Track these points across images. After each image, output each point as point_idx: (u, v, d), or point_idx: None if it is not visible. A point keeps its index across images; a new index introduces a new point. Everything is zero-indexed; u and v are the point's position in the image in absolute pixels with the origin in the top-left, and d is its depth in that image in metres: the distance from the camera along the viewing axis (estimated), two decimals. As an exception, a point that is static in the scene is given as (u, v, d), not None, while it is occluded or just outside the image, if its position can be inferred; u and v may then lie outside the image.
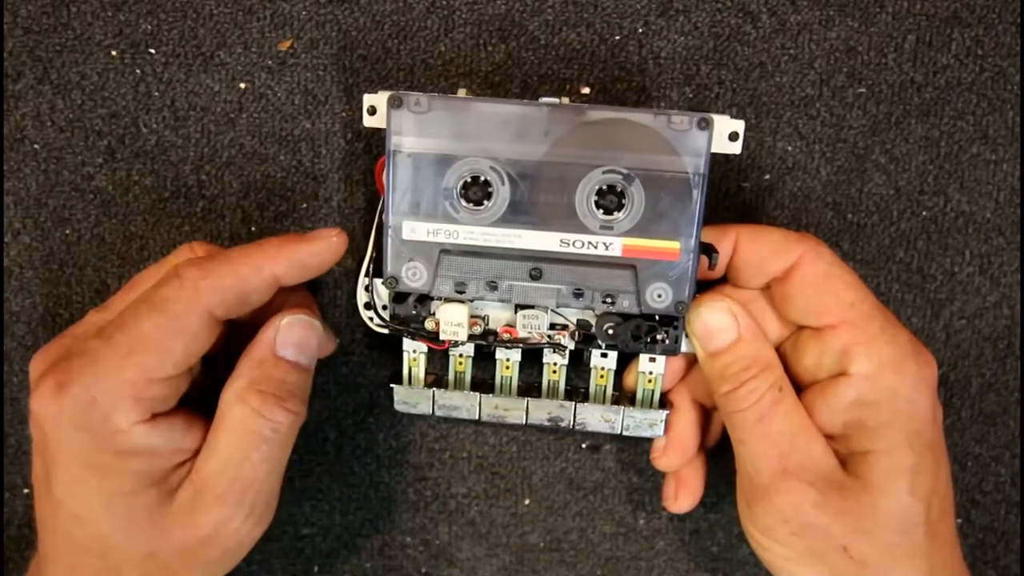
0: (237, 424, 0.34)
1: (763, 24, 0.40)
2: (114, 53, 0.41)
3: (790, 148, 0.41)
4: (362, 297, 0.38)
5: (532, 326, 0.37)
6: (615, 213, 0.35)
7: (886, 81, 0.40)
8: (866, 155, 0.41)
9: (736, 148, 0.35)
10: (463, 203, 0.35)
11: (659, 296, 0.35)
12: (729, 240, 0.36)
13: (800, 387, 0.36)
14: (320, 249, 0.35)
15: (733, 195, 0.41)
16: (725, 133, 0.35)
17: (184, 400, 0.35)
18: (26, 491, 0.44)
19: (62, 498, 0.33)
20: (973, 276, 0.41)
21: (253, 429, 0.34)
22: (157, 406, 0.33)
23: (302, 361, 0.36)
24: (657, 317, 0.36)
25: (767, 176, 0.41)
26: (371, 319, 0.38)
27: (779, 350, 0.37)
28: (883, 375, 0.34)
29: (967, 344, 0.42)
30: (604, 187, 0.35)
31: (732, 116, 0.40)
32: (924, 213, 0.41)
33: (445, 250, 0.36)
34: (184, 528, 0.33)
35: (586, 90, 0.40)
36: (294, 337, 0.36)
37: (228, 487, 0.34)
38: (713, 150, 0.35)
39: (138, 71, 0.41)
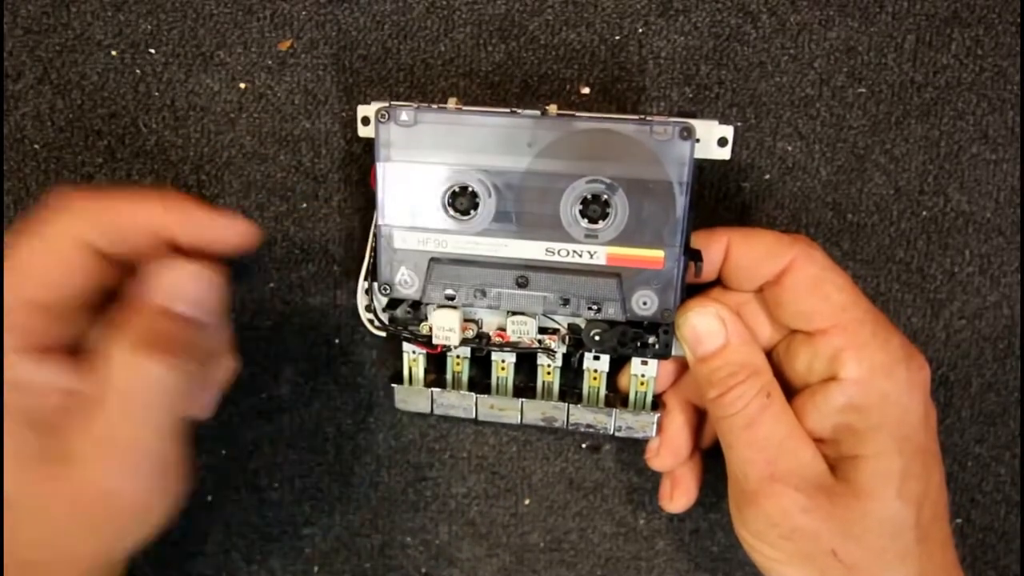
0: (125, 383, 0.31)
1: (763, 24, 0.40)
2: (114, 53, 0.41)
3: (790, 148, 0.41)
4: (362, 299, 0.38)
5: (521, 331, 0.37)
6: (599, 222, 0.35)
7: (886, 81, 0.40)
8: (866, 155, 0.41)
9: (726, 154, 0.35)
10: (451, 213, 0.36)
11: (645, 303, 0.36)
12: (721, 243, 0.36)
13: (792, 391, 0.36)
14: (219, 224, 0.33)
15: (733, 195, 0.41)
16: (714, 139, 0.35)
17: None
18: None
19: None
20: (973, 276, 0.41)
21: (141, 388, 0.31)
22: (40, 338, 0.31)
23: (200, 315, 0.33)
24: (644, 323, 0.36)
25: (767, 176, 0.41)
26: (371, 321, 0.38)
27: (772, 353, 0.37)
28: (874, 380, 0.34)
29: (967, 344, 0.42)
30: (588, 196, 0.35)
31: (732, 116, 0.40)
32: (924, 213, 0.41)
33: (435, 258, 0.36)
34: (77, 483, 0.30)
35: (586, 90, 0.40)
36: (191, 292, 0.32)
37: (122, 449, 0.31)
38: (702, 156, 0.35)
39: (138, 71, 0.41)
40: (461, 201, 0.35)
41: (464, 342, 0.38)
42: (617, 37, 0.40)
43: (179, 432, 0.32)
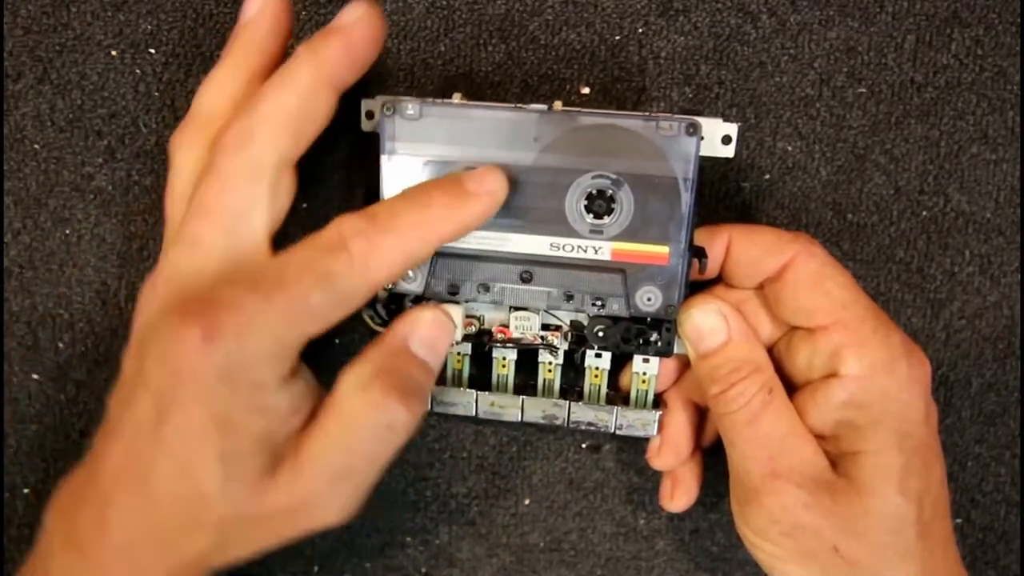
0: (354, 412, 0.33)
1: (763, 24, 0.40)
2: (114, 53, 0.41)
3: (790, 148, 0.41)
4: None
5: (524, 327, 0.37)
6: (604, 218, 0.35)
7: (886, 81, 0.40)
8: (866, 155, 0.41)
9: (729, 151, 0.35)
10: None
11: (649, 300, 0.36)
12: (722, 240, 0.36)
13: (793, 387, 0.36)
14: (486, 206, 0.33)
15: (733, 195, 0.41)
16: (718, 136, 0.35)
17: None
18: (26, 491, 0.44)
19: (174, 445, 0.31)
20: (973, 276, 0.41)
21: (370, 422, 0.33)
22: (295, 363, 0.32)
23: (430, 361, 0.35)
24: (648, 320, 0.36)
25: (767, 176, 0.41)
26: (372, 317, 0.38)
27: (772, 350, 0.37)
28: (875, 377, 0.34)
29: (967, 344, 0.42)
30: (593, 192, 0.35)
31: (732, 116, 0.40)
32: (924, 213, 0.41)
33: (438, 253, 0.36)
34: (278, 499, 0.32)
35: (586, 90, 0.40)
36: (430, 335, 0.35)
37: (330, 471, 0.32)
38: (706, 154, 0.35)
39: (138, 71, 0.41)
40: None
41: (466, 338, 0.38)
42: (617, 37, 0.40)
43: (388, 464, 0.34)
